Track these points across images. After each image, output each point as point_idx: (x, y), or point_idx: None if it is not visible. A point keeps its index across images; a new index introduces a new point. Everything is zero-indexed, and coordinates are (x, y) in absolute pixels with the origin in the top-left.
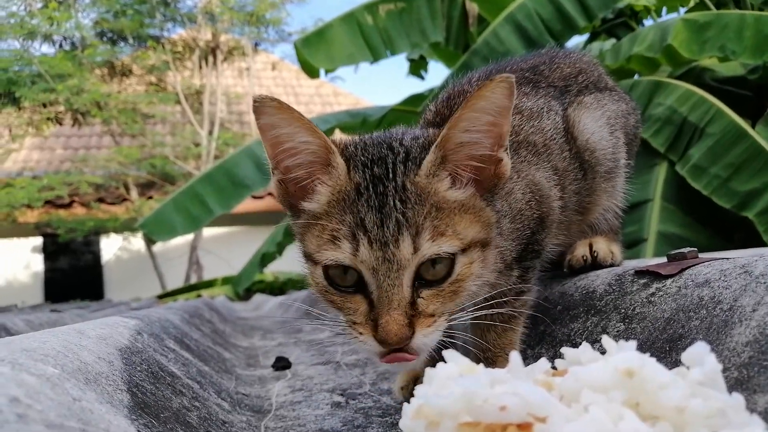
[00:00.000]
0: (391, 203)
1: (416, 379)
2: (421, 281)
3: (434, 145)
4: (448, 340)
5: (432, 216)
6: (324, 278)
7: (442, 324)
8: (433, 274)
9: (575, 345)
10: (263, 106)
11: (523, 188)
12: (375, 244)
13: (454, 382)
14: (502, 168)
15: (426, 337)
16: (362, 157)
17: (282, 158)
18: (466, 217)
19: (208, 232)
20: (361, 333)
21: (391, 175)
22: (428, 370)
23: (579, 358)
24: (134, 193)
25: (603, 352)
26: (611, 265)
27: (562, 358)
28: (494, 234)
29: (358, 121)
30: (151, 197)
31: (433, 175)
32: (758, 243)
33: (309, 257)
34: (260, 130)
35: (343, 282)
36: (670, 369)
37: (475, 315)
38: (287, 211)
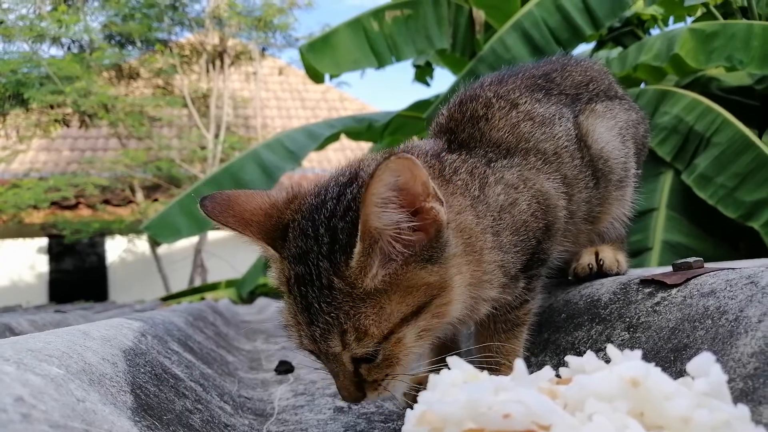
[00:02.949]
0: (316, 306)
1: (419, 384)
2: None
3: (358, 236)
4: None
5: (357, 312)
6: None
7: (394, 382)
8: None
9: (579, 353)
10: (203, 207)
11: (528, 199)
12: (309, 339)
13: (459, 388)
14: (436, 216)
15: (380, 395)
16: (291, 247)
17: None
18: (395, 296)
19: (212, 235)
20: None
21: (314, 277)
22: (432, 377)
23: (583, 366)
24: (140, 196)
25: (607, 360)
26: (617, 274)
27: (566, 366)
28: (453, 280)
29: (363, 127)
30: (156, 200)
31: (362, 267)
32: (764, 253)
33: None
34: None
35: None
36: (675, 379)
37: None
38: None
